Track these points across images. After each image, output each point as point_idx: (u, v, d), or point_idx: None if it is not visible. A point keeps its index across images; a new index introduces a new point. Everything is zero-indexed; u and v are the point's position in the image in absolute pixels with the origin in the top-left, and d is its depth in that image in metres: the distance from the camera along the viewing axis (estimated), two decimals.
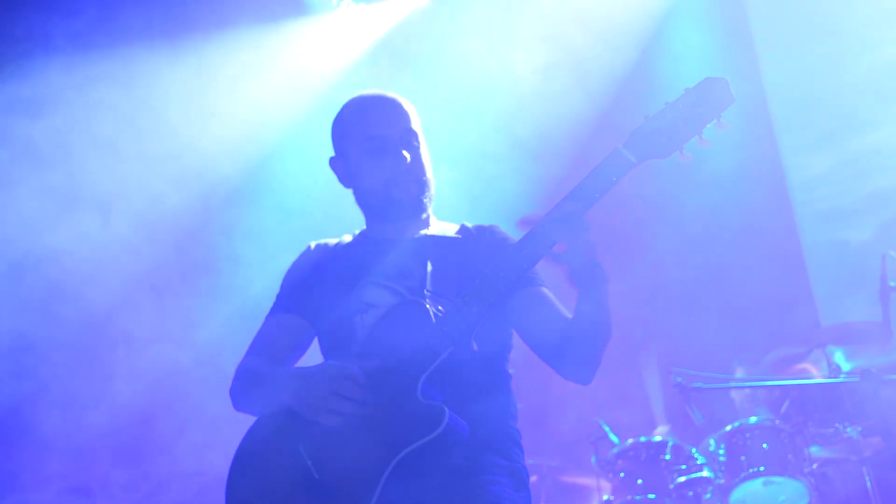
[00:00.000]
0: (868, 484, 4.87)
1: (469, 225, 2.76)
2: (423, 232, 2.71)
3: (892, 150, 6.17)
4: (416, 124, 2.73)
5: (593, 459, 5.30)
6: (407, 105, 2.75)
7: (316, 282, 2.69)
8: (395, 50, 6.12)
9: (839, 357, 5.00)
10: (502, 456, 2.43)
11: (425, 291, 2.49)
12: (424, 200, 2.68)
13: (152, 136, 5.31)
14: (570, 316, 2.46)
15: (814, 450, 4.94)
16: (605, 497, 5.12)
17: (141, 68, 5.35)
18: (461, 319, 2.29)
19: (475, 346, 2.38)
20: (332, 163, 2.80)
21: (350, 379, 2.30)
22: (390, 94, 2.78)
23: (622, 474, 5.06)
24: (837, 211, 6.26)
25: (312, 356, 2.71)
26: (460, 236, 2.71)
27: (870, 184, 6.16)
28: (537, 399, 5.37)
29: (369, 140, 2.67)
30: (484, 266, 2.38)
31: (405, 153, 2.65)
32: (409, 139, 2.69)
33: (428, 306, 2.37)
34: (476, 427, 2.34)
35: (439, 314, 2.35)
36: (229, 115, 5.48)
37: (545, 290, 2.56)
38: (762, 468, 4.82)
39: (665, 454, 5.04)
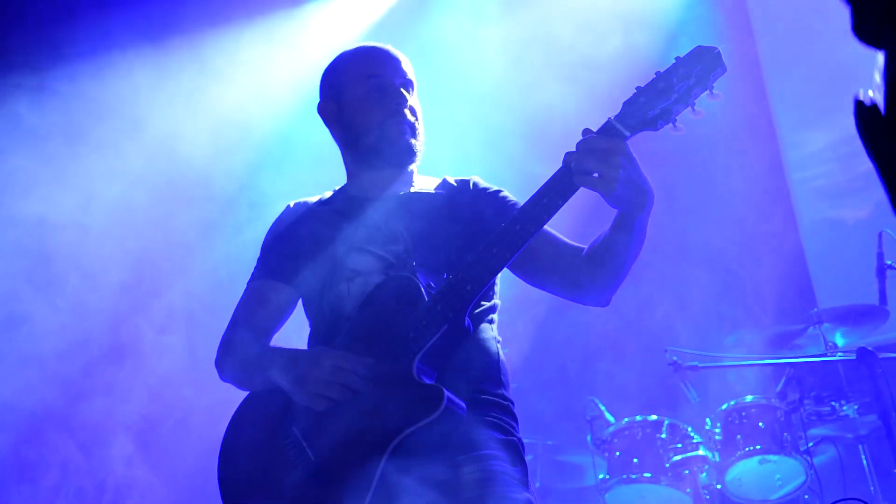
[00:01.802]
0: (864, 462, 4.87)
1: (451, 179, 2.72)
2: (407, 189, 2.66)
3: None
4: (412, 76, 2.70)
5: (589, 438, 5.28)
6: (403, 57, 2.72)
7: (298, 245, 2.63)
8: (387, 36, 6.09)
9: (836, 335, 4.98)
10: (498, 430, 2.40)
11: (414, 263, 2.43)
12: (414, 145, 2.63)
13: (150, 131, 5.28)
14: (569, 242, 2.46)
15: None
16: (600, 476, 5.10)
17: (137, 64, 5.32)
18: (455, 298, 2.25)
19: (468, 321, 2.33)
20: (321, 108, 2.75)
21: (353, 371, 2.26)
22: (389, 46, 2.76)
23: (618, 453, 5.04)
24: (834, 189, 6.23)
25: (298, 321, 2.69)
26: (443, 192, 2.66)
27: (867, 161, 6.11)
28: (532, 377, 5.35)
29: (369, 79, 2.64)
30: (471, 230, 2.37)
31: (405, 92, 2.63)
32: (406, 85, 2.66)
33: (419, 283, 2.32)
34: (471, 402, 2.31)
35: (431, 290, 2.30)
36: (223, 108, 5.45)
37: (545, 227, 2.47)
38: (758, 447, 4.80)
39: (661, 433, 5.02)
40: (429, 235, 2.51)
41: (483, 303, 2.51)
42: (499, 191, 2.65)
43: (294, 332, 2.72)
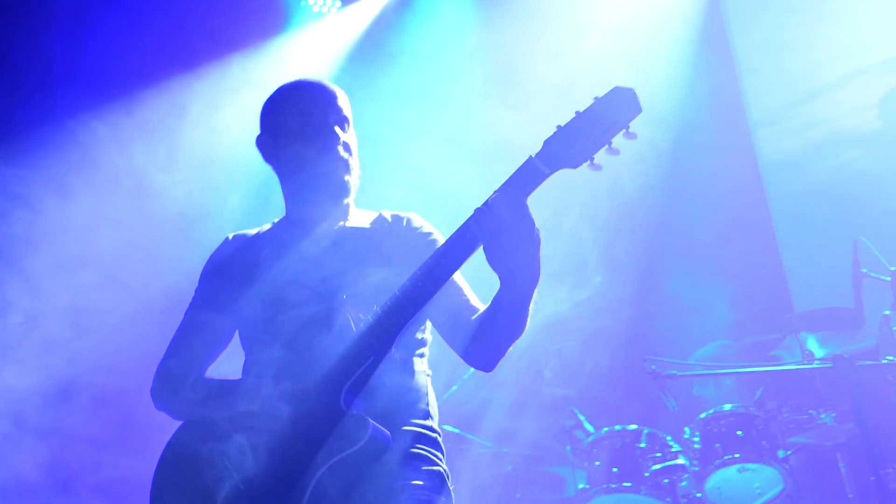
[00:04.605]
0: (842, 470, 4.91)
1: (387, 213, 2.79)
2: (342, 223, 2.72)
3: (866, 131, 6.18)
4: (347, 111, 2.75)
5: (568, 448, 5.29)
6: (340, 92, 2.77)
7: (235, 276, 2.68)
8: (374, 47, 6.12)
9: (812, 343, 5.01)
10: (423, 460, 2.48)
11: (344, 296, 2.49)
12: (348, 182, 2.69)
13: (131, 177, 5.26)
14: (478, 306, 2.56)
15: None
16: (580, 486, 5.11)
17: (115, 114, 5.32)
18: (381, 330, 2.31)
19: (395, 354, 2.42)
20: (259, 140, 2.80)
21: (270, 398, 2.34)
22: (326, 81, 2.81)
23: (597, 463, 5.05)
24: (810, 194, 6.26)
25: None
26: (377, 228, 2.73)
27: (844, 167, 6.17)
28: (511, 389, 5.35)
29: (302, 116, 2.68)
30: (401, 267, 2.42)
31: (337, 130, 2.67)
32: (341, 122, 2.71)
33: (348, 314, 2.40)
34: (398, 433, 2.41)
35: (360, 322, 2.37)
36: (203, 150, 5.43)
37: (457, 276, 2.60)
38: (737, 455, 4.83)
39: (640, 442, 5.04)
40: (360, 269, 2.56)
41: (412, 336, 2.60)
42: (430, 232, 2.72)
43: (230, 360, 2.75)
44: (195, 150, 5.45)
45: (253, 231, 2.83)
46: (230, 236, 2.83)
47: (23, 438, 4.53)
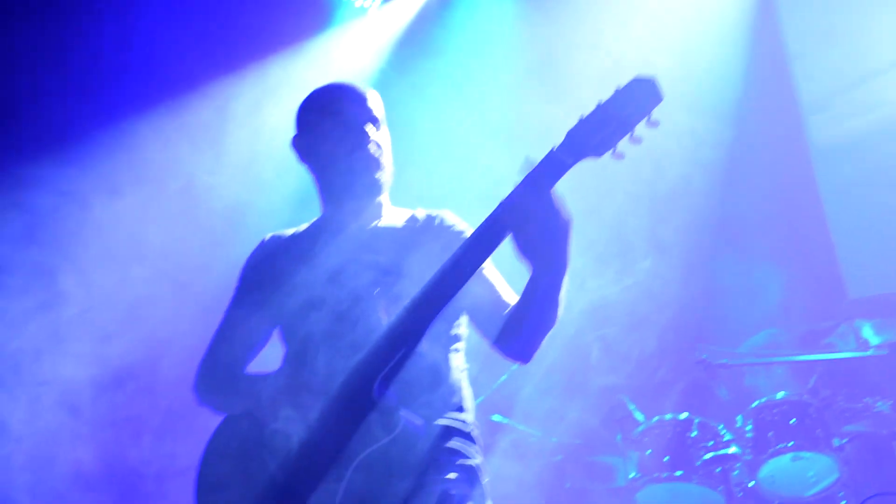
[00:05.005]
0: None
1: (420, 212, 2.84)
2: (375, 222, 2.78)
3: None
4: (379, 112, 2.83)
5: (619, 437, 5.26)
6: (372, 93, 2.85)
7: (272, 276, 2.75)
8: (415, 41, 6.15)
9: (867, 331, 4.92)
10: (455, 453, 2.50)
11: (376, 291, 2.55)
12: (380, 179, 2.76)
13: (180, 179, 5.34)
14: (511, 298, 2.57)
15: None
16: (631, 475, 5.08)
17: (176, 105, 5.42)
18: (411, 324, 2.32)
19: (427, 347, 2.45)
20: (294, 141, 2.88)
21: (307, 392, 2.40)
22: (358, 83, 2.89)
23: (648, 452, 5.02)
24: (862, 178, 6.16)
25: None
26: (410, 226, 2.78)
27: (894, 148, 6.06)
28: (559, 377, 5.34)
29: (334, 116, 2.76)
30: (434, 264, 2.43)
31: (368, 128, 2.75)
32: (373, 121, 2.79)
33: (380, 310, 2.47)
34: (429, 425, 2.44)
35: (391, 316, 2.39)
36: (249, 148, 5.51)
37: (489, 267, 2.63)
38: (791, 443, 4.75)
39: (691, 431, 4.99)
40: (393, 267, 2.62)
41: (445, 331, 2.64)
42: (463, 230, 2.76)
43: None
44: (241, 150, 5.53)
45: (289, 231, 2.91)
46: (267, 237, 2.92)
47: (79, 428, 4.64)
